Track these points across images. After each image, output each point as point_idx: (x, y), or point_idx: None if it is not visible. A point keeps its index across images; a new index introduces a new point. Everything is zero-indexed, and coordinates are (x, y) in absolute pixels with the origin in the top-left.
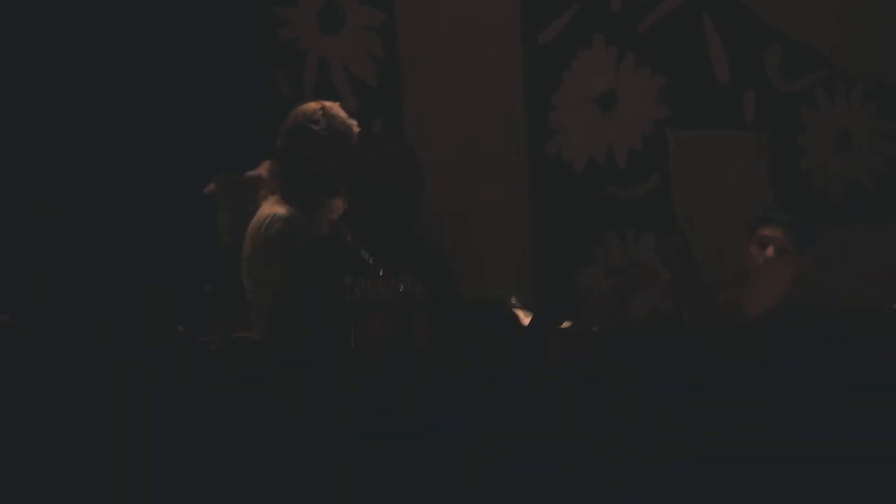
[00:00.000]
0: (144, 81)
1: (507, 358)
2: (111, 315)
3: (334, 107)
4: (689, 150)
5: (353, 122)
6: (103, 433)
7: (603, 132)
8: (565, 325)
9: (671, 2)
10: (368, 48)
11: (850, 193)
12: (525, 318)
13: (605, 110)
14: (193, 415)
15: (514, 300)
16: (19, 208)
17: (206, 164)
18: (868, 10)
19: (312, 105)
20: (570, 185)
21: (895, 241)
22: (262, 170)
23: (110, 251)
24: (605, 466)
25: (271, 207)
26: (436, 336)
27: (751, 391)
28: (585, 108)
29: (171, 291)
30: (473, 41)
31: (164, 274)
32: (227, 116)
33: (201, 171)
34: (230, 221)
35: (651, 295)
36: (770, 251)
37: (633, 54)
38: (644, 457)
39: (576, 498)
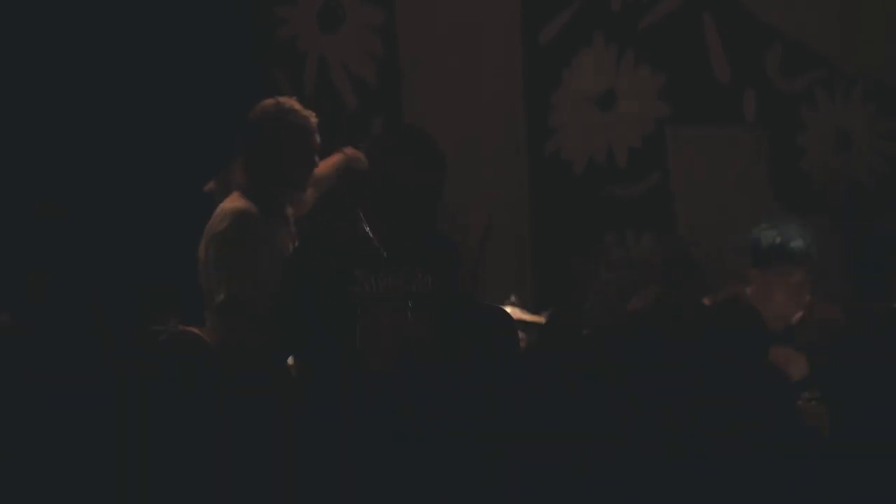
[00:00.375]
0: (144, 81)
1: (505, 359)
2: (111, 315)
3: (290, 101)
4: (689, 149)
5: (311, 115)
6: (103, 433)
7: (603, 131)
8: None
9: (671, 1)
10: (368, 47)
11: (849, 193)
12: (524, 317)
13: (605, 109)
14: (193, 415)
15: (513, 298)
16: (19, 208)
17: (206, 163)
18: (868, 10)
19: (269, 101)
20: (570, 184)
21: (895, 240)
22: None
23: (110, 251)
24: (606, 466)
25: (229, 203)
26: (436, 335)
27: (751, 391)
28: (585, 107)
29: (171, 291)
30: (473, 40)
31: (164, 274)
32: (228, 116)
33: (201, 170)
34: None
35: (649, 293)
36: (797, 291)
37: (632, 53)
38: (644, 457)
39: (576, 498)
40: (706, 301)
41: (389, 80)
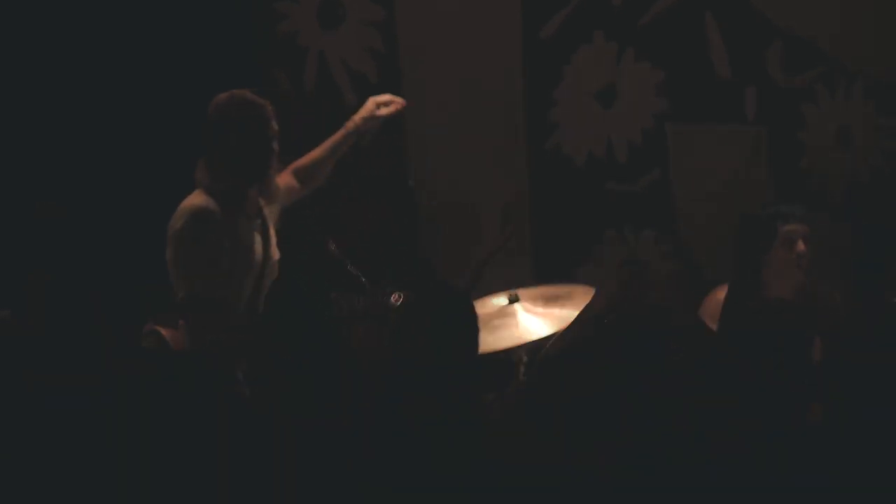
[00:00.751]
0: (145, 80)
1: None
2: (111, 315)
3: (243, 92)
4: (690, 146)
5: (265, 103)
6: (103, 433)
7: (603, 127)
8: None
9: None
10: (368, 44)
11: (849, 189)
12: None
13: (606, 105)
14: (193, 415)
15: (514, 294)
16: (19, 208)
17: None
18: (869, 7)
19: (222, 95)
20: (571, 180)
21: (893, 236)
22: None
23: (110, 251)
24: (606, 466)
25: (188, 200)
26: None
27: (752, 390)
28: (585, 103)
29: (171, 291)
30: (474, 37)
31: (164, 274)
32: None
33: None
34: None
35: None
36: (801, 246)
37: (633, 49)
38: (644, 456)
39: (576, 498)
40: (719, 294)
41: (389, 76)
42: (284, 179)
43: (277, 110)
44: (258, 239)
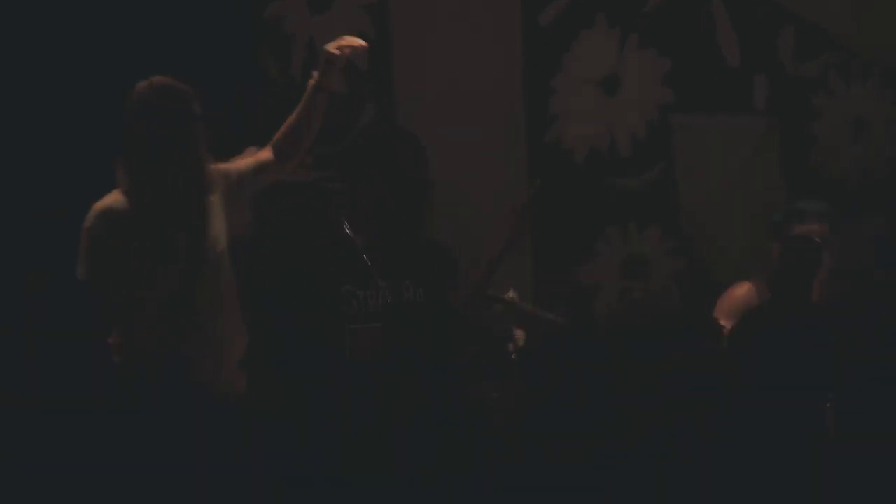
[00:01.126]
0: (140, 76)
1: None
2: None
3: (163, 79)
4: (696, 138)
5: (185, 88)
6: (104, 433)
7: (605, 118)
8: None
9: None
10: (359, 29)
11: (863, 182)
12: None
13: (608, 95)
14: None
15: (512, 293)
16: (19, 208)
17: None
18: None
19: (142, 83)
20: (571, 173)
21: None
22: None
23: None
24: (603, 466)
25: (101, 200)
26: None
27: (752, 391)
28: (587, 93)
29: None
30: (470, 22)
31: None
32: (214, 102)
33: None
34: None
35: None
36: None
37: (637, 36)
38: (642, 456)
39: (574, 497)
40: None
41: (381, 63)
42: (262, 156)
43: (272, 105)
44: (181, 236)
